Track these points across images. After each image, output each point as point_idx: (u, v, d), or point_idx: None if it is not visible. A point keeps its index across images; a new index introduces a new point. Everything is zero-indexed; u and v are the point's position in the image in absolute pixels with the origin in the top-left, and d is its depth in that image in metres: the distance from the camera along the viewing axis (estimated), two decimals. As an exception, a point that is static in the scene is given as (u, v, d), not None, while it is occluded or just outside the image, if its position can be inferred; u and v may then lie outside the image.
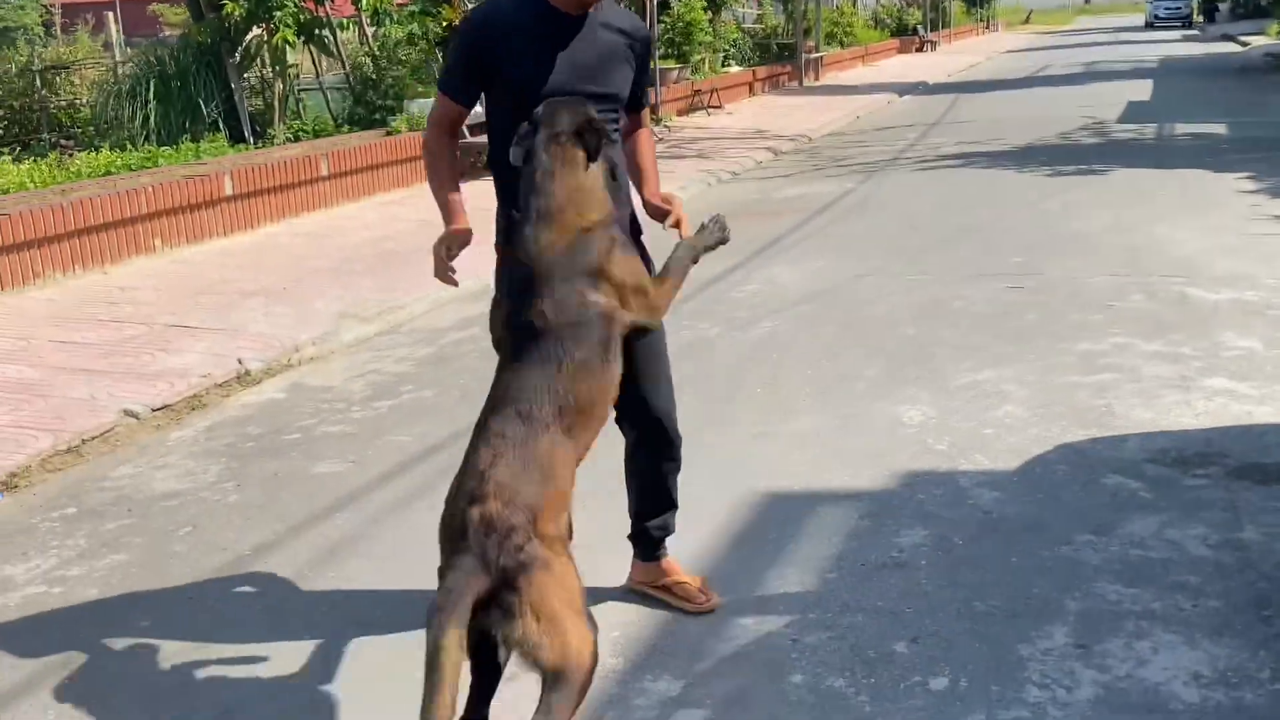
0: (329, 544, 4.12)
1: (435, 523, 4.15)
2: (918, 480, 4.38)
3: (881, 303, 7.01)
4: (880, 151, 14.41)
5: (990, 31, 55.25)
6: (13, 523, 4.43)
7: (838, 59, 29.29)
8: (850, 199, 10.91)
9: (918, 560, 3.74)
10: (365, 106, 14.05)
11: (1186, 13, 55.63)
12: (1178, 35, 46.47)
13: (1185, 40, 41.91)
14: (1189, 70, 26.54)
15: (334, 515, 4.37)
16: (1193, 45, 38.07)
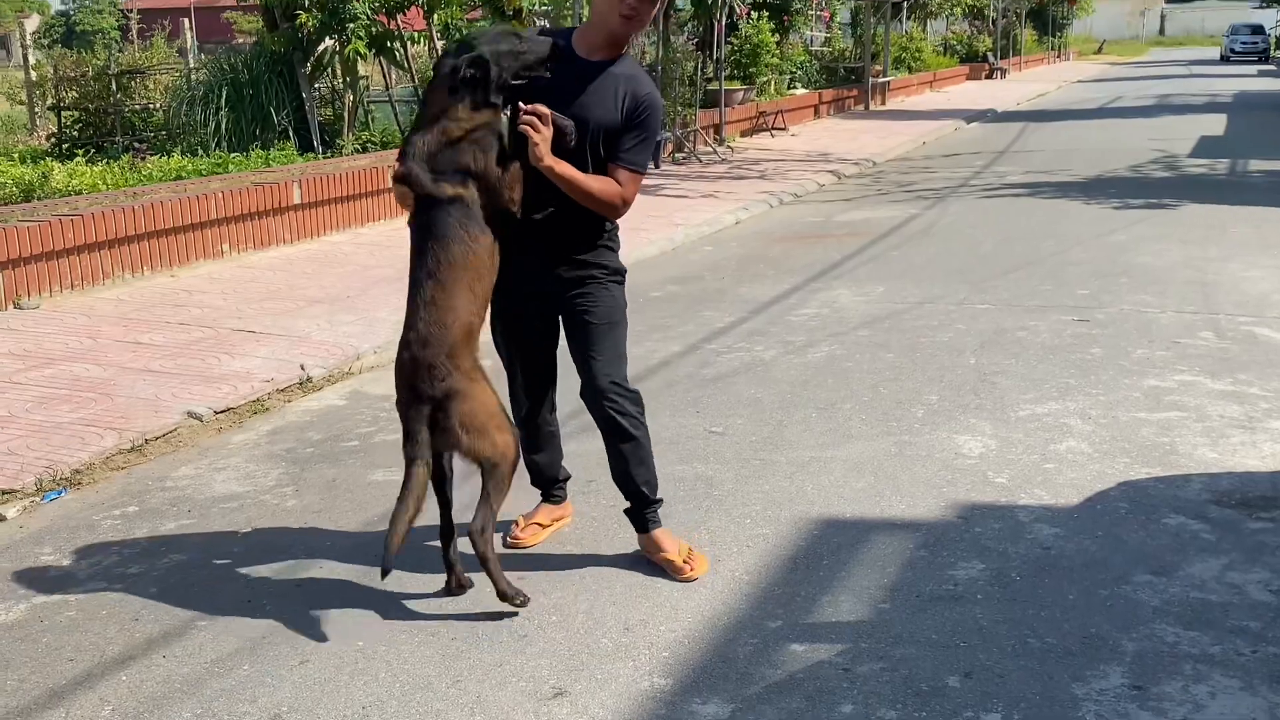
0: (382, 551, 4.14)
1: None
2: (975, 512, 4.33)
3: (944, 330, 6.95)
4: (946, 178, 14.31)
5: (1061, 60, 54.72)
6: (76, 519, 4.50)
7: (905, 84, 29.16)
8: (914, 225, 10.84)
9: (973, 594, 3.69)
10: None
11: (1264, 47, 54.77)
12: (1254, 70, 45.75)
13: (1261, 75, 41.25)
14: (1265, 105, 26.11)
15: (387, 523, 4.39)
16: (1269, 81, 37.46)
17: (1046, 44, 54.07)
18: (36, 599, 3.85)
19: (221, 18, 35.23)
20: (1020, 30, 45.80)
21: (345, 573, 3.99)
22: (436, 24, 14.52)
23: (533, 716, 3.10)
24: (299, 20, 12.66)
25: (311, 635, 3.56)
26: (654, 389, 5.91)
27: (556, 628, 3.57)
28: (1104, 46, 68.19)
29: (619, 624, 3.58)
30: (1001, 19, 41.58)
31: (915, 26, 35.02)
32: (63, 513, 4.58)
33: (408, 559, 3.93)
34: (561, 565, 4.01)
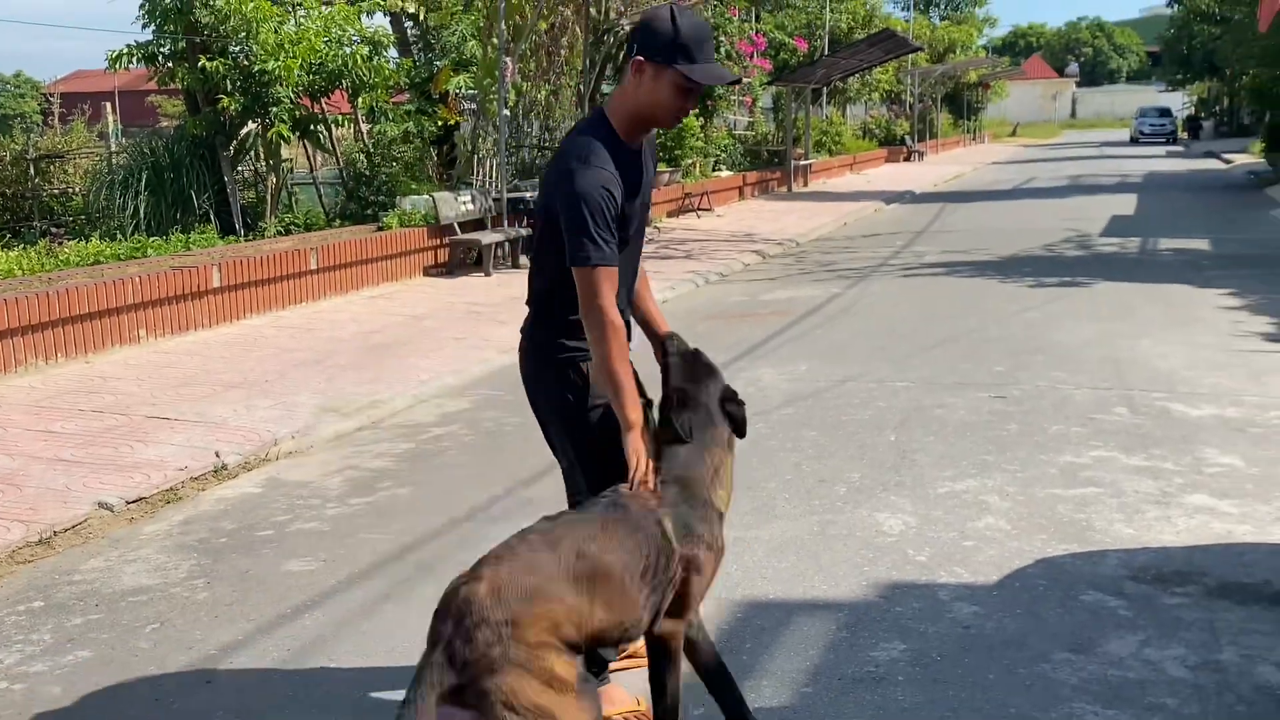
0: (297, 645, 4.05)
1: (404, 624, 4.10)
2: (897, 591, 4.34)
3: (865, 408, 7.01)
4: (867, 257, 14.56)
5: (977, 143, 56.21)
6: (-24, 615, 4.35)
7: (826, 166, 29.74)
8: (836, 303, 10.99)
9: (895, 675, 3.68)
10: (358, 202, 14.20)
11: (1171, 129, 56.74)
12: (1162, 151, 47.33)
13: (1169, 156, 42.69)
14: (1173, 186, 26.98)
15: (303, 616, 4.30)
16: (1177, 161, 38.77)
17: (962, 127, 55.55)
18: (-68, 701, 3.70)
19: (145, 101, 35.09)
20: (936, 114, 47.04)
21: (258, 668, 3.88)
22: (361, 107, 14.58)
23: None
24: (221, 104, 12.65)
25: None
26: (577, 471, 5.88)
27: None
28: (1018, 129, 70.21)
29: (539, 714, 3.51)
30: (918, 103, 42.68)
31: (835, 111, 35.81)
32: (-36, 610, 4.42)
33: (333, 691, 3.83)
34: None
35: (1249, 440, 6.17)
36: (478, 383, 8.05)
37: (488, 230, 13.59)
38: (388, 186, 14.19)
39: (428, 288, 12.30)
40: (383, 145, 14.87)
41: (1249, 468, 5.71)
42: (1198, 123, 61.82)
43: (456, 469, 6.11)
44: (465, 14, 15.60)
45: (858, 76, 33.49)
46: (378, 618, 4.27)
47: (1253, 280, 11.76)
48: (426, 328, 9.92)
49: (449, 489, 5.75)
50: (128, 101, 36.39)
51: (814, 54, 29.42)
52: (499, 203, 14.07)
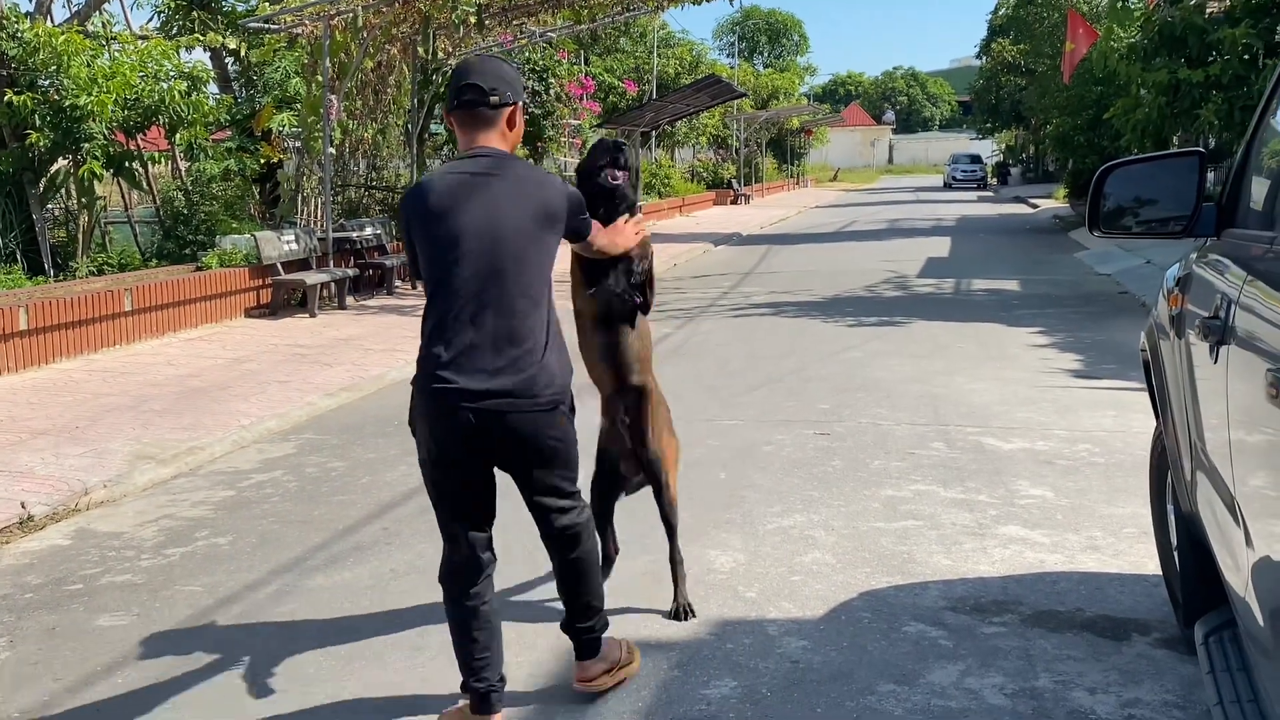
0: (107, 705, 3.85)
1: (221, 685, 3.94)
2: (727, 628, 4.37)
3: (696, 446, 7.07)
4: (696, 298, 14.77)
5: (800, 187, 57.83)
6: None
7: (656, 208, 30.14)
8: (667, 344, 11.10)
9: (726, 713, 3.70)
10: (175, 241, 13.76)
11: (981, 175, 59.43)
12: (974, 196, 49.51)
13: (980, 200, 44.66)
14: (984, 229, 28.21)
15: (114, 673, 4.10)
16: (987, 206, 40.58)
17: (786, 171, 57.11)
18: None
19: (-55, 134, 33.29)
20: (762, 158, 48.26)
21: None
22: (180, 143, 14.16)
23: None
24: (30, 139, 12.12)
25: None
26: (408, 516, 5.77)
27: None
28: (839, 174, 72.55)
29: (366, 767, 3.41)
30: (744, 148, 43.71)
31: (664, 154, 36.39)
32: None
33: (135, 711, 3.65)
34: (307, 706, 3.81)
35: (1058, 472, 6.45)
36: (301, 427, 7.84)
37: (313, 270, 13.32)
38: (207, 225, 13.79)
39: (250, 329, 11.96)
40: (202, 183, 14.45)
41: (1059, 499, 5.96)
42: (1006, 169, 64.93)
43: (278, 516, 5.93)
44: (289, 50, 15.33)
45: (685, 120, 34.13)
46: (195, 674, 4.09)
47: (1059, 319, 12.35)
48: (248, 370, 9.64)
49: (271, 537, 5.57)
50: (-74, 134, 34.50)
51: (643, 97, 29.88)
52: (324, 242, 13.81)
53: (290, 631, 4.45)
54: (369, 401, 8.70)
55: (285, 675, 4.06)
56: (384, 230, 15.55)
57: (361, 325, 12.21)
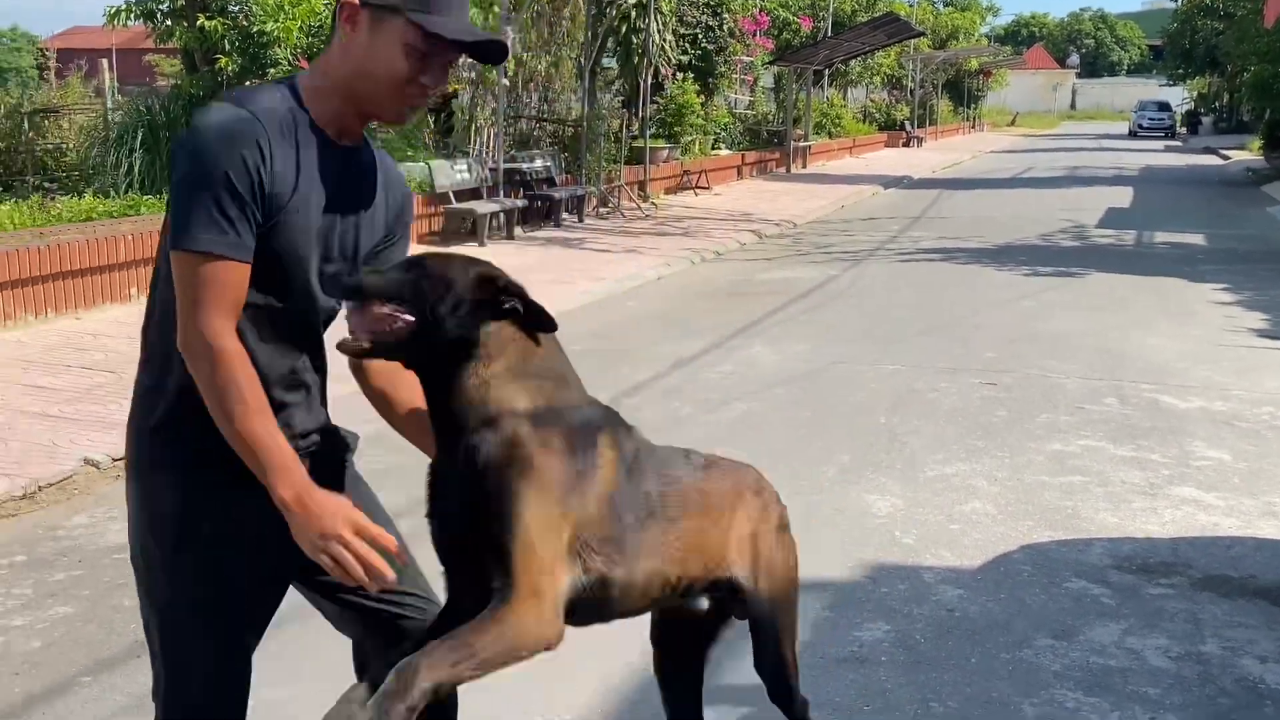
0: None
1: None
2: (883, 573, 4.34)
3: (858, 390, 7.01)
4: (863, 241, 14.54)
5: (976, 131, 56.11)
6: (-41, 567, 4.34)
7: (825, 148, 29.67)
8: (832, 286, 10.98)
9: (878, 656, 3.69)
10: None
11: (1170, 124, 56.64)
12: (1160, 145, 47.31)
13: (1167, 150, 42.65)
14: (1170, 180, 26.97)
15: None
16: (1174, 156, 38.75)
17: (962, 115, 55.46)
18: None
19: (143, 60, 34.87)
20: (937, 100, 46.96)
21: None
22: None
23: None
24: (219, 64, 12.57)
25: None
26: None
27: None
28: (1017, 119, 70.09)
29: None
30: (919, 89, 42.59)
31: (836, 94, 35.71)
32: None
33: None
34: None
35: (1237, 434, 6.18)
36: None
37: (483, 200, 13.53)
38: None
39: (422, 256, 12.25)
40: (380, 111, 14.77)
41: (1236, 462, 5.72)
42: (1197, 118, 61.75)
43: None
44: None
45: (860, 59, 33.38)
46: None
47: (1246, 276, 11.76)
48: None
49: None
50: (125, 59, 36.14)
51: (817, 34, 29.31)
52: (495, 173, 14.01)
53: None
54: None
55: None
56: (553, 163, 15.69)
57: (528, 256, 12.39)
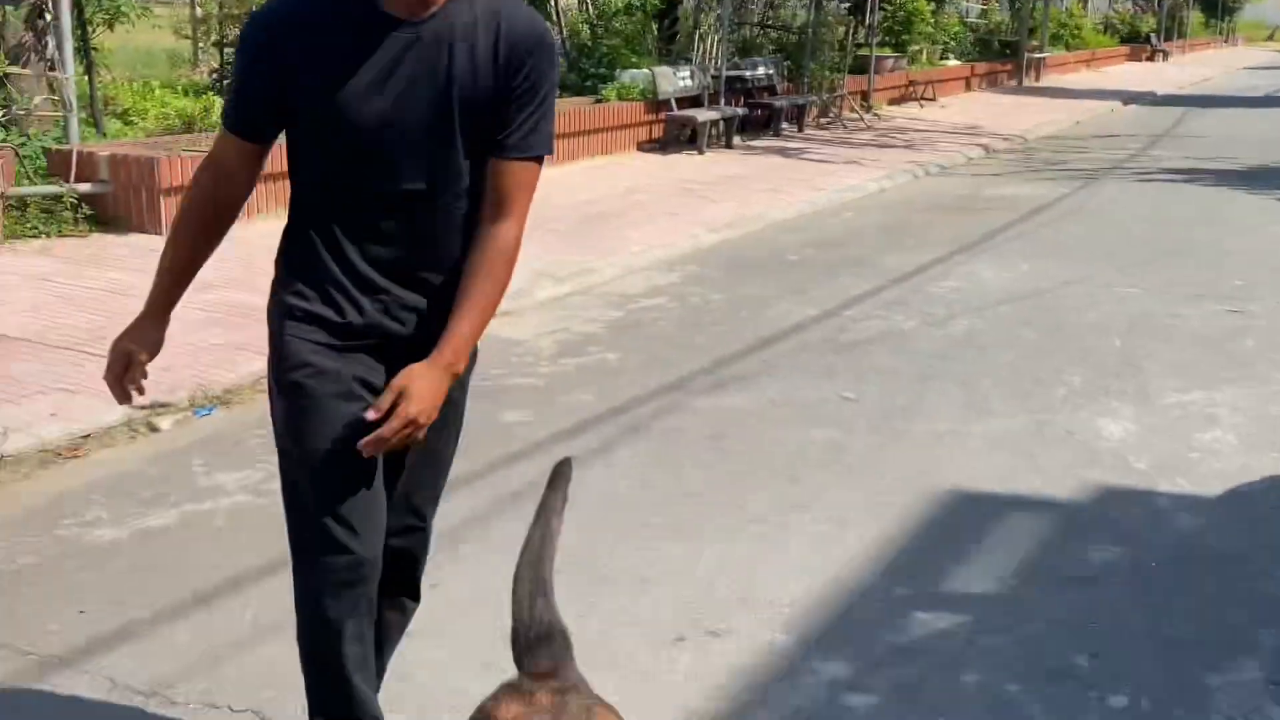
0: (511, 489, 4.23)
1: (608, 480, 4.24)
2: (1114, 497, 4.23)
3: (1090, 311, 6.77)
4: (1099, 159, 13.89)
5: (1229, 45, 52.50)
6: (225, 436, 4.68)
7: (1061, 61, 28.31)
8: (1064, 204, 10.56)
9: (1109, 578, 3.61)
10: (578, 73, 14.25)
11: None
12: None
13: None
14: None
15: (517, 462, 4.48)
16: None
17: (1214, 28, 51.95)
18: (186, 507, 4.03)
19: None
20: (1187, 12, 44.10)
21: (472, 507, 4.06)
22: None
23: (653, 659, 3.14)
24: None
25: (435, 561, 3.64)
26: (786, 352, 5.89)
27: (680, 575, 3.60)
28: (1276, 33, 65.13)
29: (743, 577, 3.60)
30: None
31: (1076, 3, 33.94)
32: (213, 429, 4.76)
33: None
34: (689, 516, 4.03)
35: None
36: (686, 259, 8.08)
37: (704, 108, 13.49)
38: (608, 59, 14.18)
39: (641, 162, 12.33)
40: (606, 17, 14.85)
41: None
42: None
43: (664, 339, 6.19)
44: (698, -116, 15.31)
45: (1104, -33, 31.61)
46: (584, 472, 4.40)
47: None
48: (638, 201, 9.98)
49: (655, 357, 5.83)
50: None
51: (1059, -60, 27.86)
52: (717, 80, 13.91)
53: (674, 442, 4.69)
54: (751, 239, 8.83)
55: (664, 479, 4.30)
56: (775, 71, 15.49)
57: (747, 165, 12.32)
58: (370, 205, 2.19)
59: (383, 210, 2.19)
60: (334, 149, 2.17)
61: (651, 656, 3.15)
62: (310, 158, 2.21)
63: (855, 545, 3.81)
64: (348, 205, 2.20)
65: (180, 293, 2.36)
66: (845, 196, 10.67)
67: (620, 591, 3.50)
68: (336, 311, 2.21)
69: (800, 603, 3.43)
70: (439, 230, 2.22)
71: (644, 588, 3.52)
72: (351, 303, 2.21)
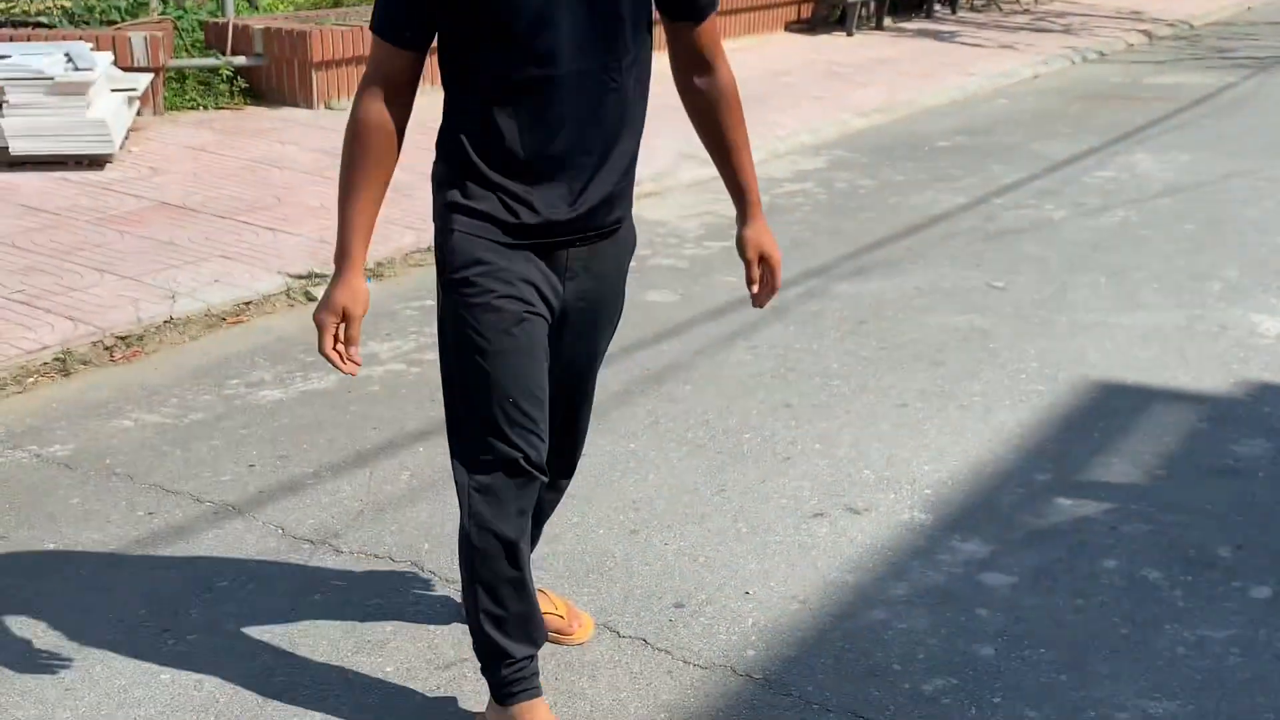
0: (658, 367, 4.32)
1: (749, 363, 4.29)
2: (1266, 393, 4.12)
3: (1252, 206, 6.51)
4: (1271, 47, 13.14)
5: None
6: (378, 306, 4.82)
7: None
8: (1230, 94, 10.07)
9: (1255, 470, 3.55)
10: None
11: None
12: None
13: None
14: None
15: (662, 342, 4.56)
16: None
17: None
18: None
19: None
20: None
21: (619, 383, 4.16)
22: None
23: (792, 532, 3.22)
24: None
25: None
26: (933, 239, 5.82)
27: (820, 454, 3.66)
28: None
29: (882, 458, 3.64)
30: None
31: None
32: (366, 300, 4.94)
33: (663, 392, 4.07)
34: (829, 398, 4.07)
35: None
36: (832, 144, 7.97)
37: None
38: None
39: (789, 44, 12.11)
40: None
41: None
42: None
43: (808, 224, 6.16)
44: None
45: None
46: (728, 351, 4.47)
47: None
48: (785, 84, 9.84)
49: (801, 242, 5.82)
50: None
51: None
52: (870, -40, 13.51)
53: (816, 325, 4.71)
54: (900, 124, 8.66)
55: (805, 362, 4.33)
56: (930, -49, 14.94)
57: (897, 48, 12.01)
58: (537, 89, 2.13)
59: (550, 94, 2.14)
60: (502, 37, 2.09)
61: (791, 529, 3.22)
62: (474, 51, 2.13)
63: (998, 431, 3.81)
64: (512, 94, 2.14)
65: (370, 236, 2.28)
66: (998, 82, 10.34)
67: (761, 467, 3.57)
68: (507, 210, 2.19)
69: (941, 484, 3.46)
70: (607, 111, 2.20)
71: (785, 465, 3.59)
72: (521, 201, 2.19)
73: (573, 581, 2.98)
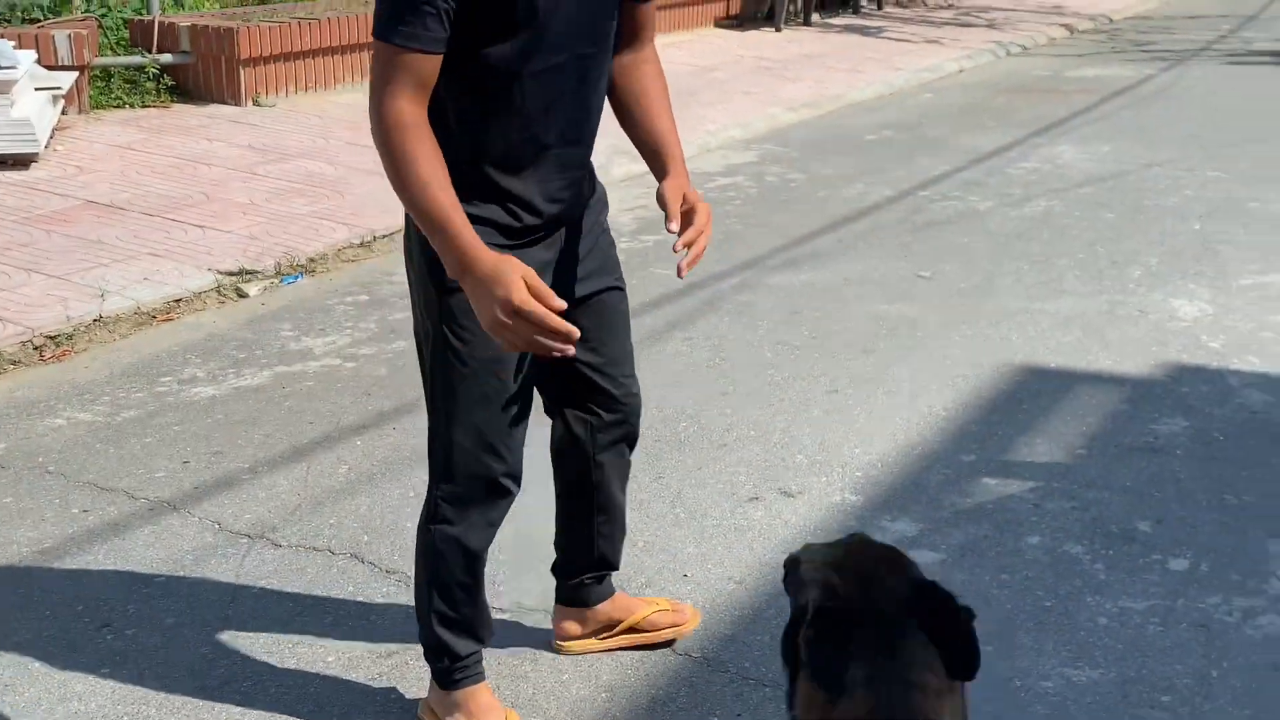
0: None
1: (686, 355, 4.34)
2: (1184, 373, 4.26)
3: (1170, 195, 6.69)
4: (1188, 40, 13.48)
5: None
6: (312, 302, 4.85)
7: (1153, -62, 27.25)
8: (1149, 86, 10.32)
9: (1173, 448, 3.67)
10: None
11: None
12: None
13: None
14: None
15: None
16: None
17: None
18: (279, 368, 4.21)
19: None
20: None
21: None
22: None
23: (729, 515, 3.28)
24: None
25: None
26: (862, 231, 5.91)
27: (754, 440, 3.73)
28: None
29: (814, 442, 3.71)
30: None
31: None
32: (299, 295, 4.93)
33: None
34: (763, 386, 4.14)
35: None
36: (763, 138, 8.06)
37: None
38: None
39: (718, 39, 12.20)
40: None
41: None
42: None
43: (740, 217, 6.24)
44: None
45: None
46: (664, 342, 4.52)
47: None
48: (715, 79, 9.92)
49: (733, 236, 5.88)
50: None
51: None
52: (797, -44, 13.64)
53: (749, 316, 4.78)
54: (829, 119, 8.76)
55: (739, 351, 4.40)
56: (857, -53, 15.11)
57: (825, 43, 12.14)
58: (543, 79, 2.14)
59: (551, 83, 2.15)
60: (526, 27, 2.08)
61: (728, 513, 3.29)
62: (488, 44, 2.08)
63: (925, 415, 3.91)
64: (518, 86, 2.13)
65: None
66: (924, 77, 10.50)
67: (698, 454, 3.63)
68: (508, 214, 2.19)
69: (870, 467, 3.55)
70: (596, 99, 2.29)
71: (721, 452, 3.65)
72: (521, 202, 2.19)
73: (517, 567, 3.01)
